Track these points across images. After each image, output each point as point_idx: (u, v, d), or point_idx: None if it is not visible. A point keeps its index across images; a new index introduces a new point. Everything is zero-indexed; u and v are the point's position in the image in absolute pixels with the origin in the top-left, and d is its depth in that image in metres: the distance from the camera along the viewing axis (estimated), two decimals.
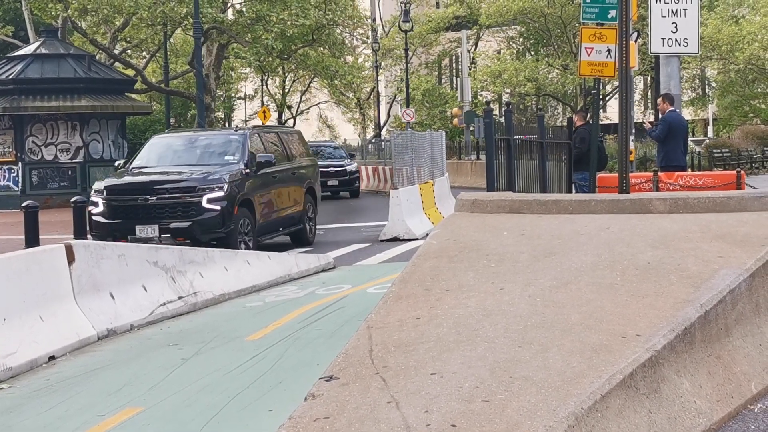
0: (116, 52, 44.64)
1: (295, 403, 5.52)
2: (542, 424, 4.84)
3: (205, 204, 18.13)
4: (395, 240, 21.40)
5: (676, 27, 18.21)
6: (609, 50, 16.77)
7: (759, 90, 59.73)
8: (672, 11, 18.20)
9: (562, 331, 6.04)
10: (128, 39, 46.56)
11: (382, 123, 70.14)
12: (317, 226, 22.84)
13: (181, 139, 21.16)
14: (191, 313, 12.25)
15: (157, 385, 8.50)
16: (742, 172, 18.99)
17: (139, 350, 10.12)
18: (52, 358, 9.65)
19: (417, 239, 20.64)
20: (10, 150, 35.72)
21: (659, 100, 18.22)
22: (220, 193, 18.20)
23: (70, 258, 10.47)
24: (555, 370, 5.45)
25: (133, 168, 19.82)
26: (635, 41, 25.21)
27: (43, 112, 35.47)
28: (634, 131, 23.85)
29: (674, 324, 6.06)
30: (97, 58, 40.73)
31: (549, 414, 4.94)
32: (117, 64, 43.92)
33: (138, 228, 18.00)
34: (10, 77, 35.91)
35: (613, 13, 16.88)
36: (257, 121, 66.75)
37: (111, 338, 10.68)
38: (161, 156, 20.14)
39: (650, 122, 19.10)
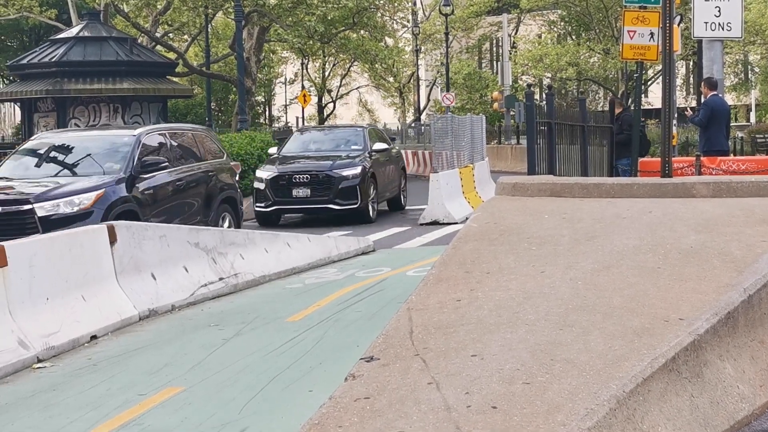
0: (158, 35, 44.80)
1: (336, 384, 5.53)
2: (583, 407, 4.82)
3: None
4: (435, 224, 21.38)
5: (719, 11, 18.03)
6: (652, 33, 16.64)
7: None
8: None
9: (604, 315, 6.01)
10: (170, 22, 46.69)
11: (421, 107, 70.01)
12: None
13: None
14: (232, 294, 12.31)
15: (198, 365, 8.55)
16: None
17: (180, 331, 10.18)
18: (94, 337, 9.73)
19: (456, 223, 20.60)
20: None
21: (702, 85, 18.07)
22: None
23: (112, 239, 10.54)
24: (596, 353, 5.43)
25: None
26: (678, 25, 24.99)
27: (85, 95, 35.71)
28: (676, 116, 23.68)
29: (717, 308, 6.01)
30: (138, 41, 40.92)
31: (590, 396, 4.92)
32: (158, 47, 44.08)
33: None
34: (53, 60, 36.17)
35: None
36: (297, 106, 66.86)
37: (152, 318, 10.75)
38: None
39: (691, 108, 18.96)
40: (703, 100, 17.88)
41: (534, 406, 4.87)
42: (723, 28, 18.14)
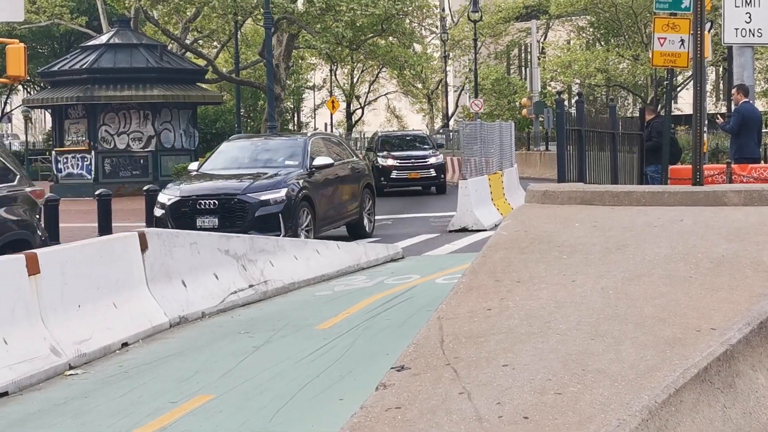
0: (188, 42, 45.01)
1: (366, 393, 5.54)
2: (615, 417, 4.81)
3: None
4: (463, 231, 21.35)
5: (750, 17, 17.95)
6: (682, 40, 16.61)
7: None
8: (746, 1, 17.95)
9: (636, 324, 5.99)
10: (199, 29, 46.92)
11: (450, 113, 69.99)
12: (385, 216, 22.71)
13: None
14: (262, 302, 12.34)
15: (229, 372, 8.58)
16: None
17: (211, 338, 10.22)
18: (125, 344, 9.78)
19: (485, 230, 20.59)
20: (84, 139, 36.21)
21: (733, 91, 18.01)
22: None
23: (143, 246, 10.60)
24: (628, 363, 5.41)
25: None
26: (708, 31, 24.91)
27: (115, 102, 35.92)
28: (706, 122, 23.58)
29: (750, 318, 5.98)
30: (168, 48, 41.11)
31: (622, 407, 4.90)
32: (188, 54, 44.28)
33: None
34: (84, 67, 36.39)
35: (686, 2, 16.69)
36: (326, 111, 67.04)
37: (183, 325, 10.80)
38: None
39: (721, 115, 18.88)
40: (734, 107, 17.80)
41: (566, 417, 4.86)
42: (753, 35, 18.06)
